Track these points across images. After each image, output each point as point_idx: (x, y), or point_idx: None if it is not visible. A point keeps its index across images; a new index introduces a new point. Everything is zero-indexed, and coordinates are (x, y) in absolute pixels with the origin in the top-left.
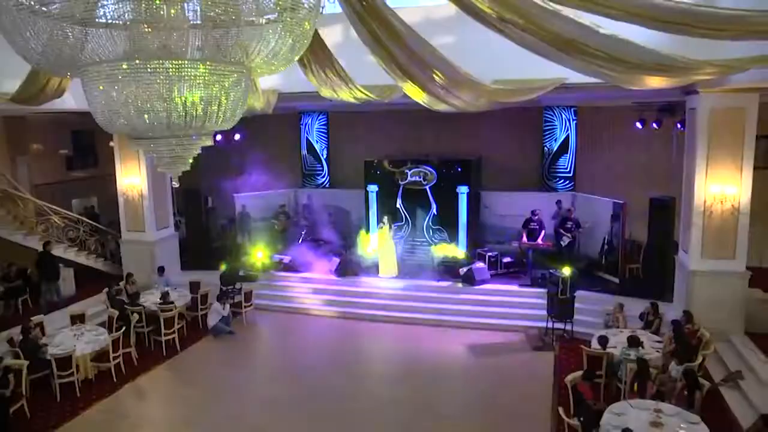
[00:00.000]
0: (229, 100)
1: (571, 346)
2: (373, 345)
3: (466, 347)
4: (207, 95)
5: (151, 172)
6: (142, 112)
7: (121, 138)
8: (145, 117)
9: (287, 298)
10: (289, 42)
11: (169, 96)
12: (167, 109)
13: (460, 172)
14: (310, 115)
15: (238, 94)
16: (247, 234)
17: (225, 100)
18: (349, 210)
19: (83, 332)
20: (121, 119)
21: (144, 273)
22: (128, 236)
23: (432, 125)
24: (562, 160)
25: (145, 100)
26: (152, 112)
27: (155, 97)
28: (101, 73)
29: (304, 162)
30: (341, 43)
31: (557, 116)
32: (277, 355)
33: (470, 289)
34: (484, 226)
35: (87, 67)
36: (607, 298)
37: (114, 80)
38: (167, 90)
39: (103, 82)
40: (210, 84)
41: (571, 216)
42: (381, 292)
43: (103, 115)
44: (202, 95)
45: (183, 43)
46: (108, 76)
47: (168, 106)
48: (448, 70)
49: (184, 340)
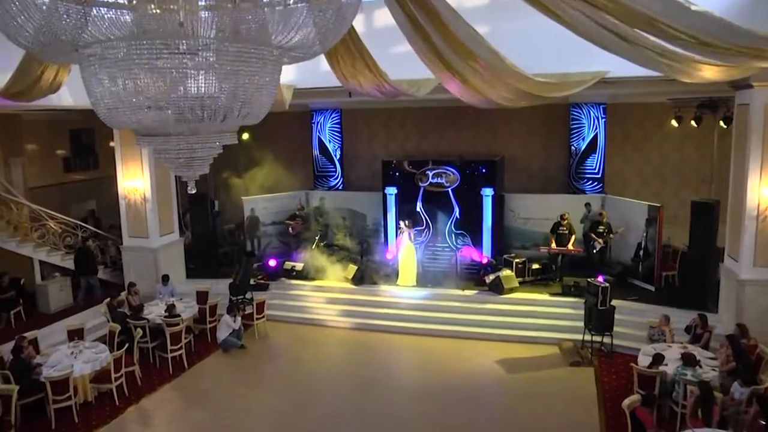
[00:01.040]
0: (257, 90)
1: (611, 362)
2: (394, 359)
3: (496, 362)
4: (231, 85)
5: (154, 174)
6: (152, 104)
7: (122, 137)
8: (156, 110)
9: (301, 308)
10: (327, 24)
11: (184, 86)
12: (182, 102)
13: (484, 173)
14: (322, 113)
15: (267, 83)
16: (256, 239)
17: (252, 91)
18: (365, 213)
19: (81, 350)
20: (128, 113)
21: (147, 282)
22: (130, 242)
23: (451, 124)
24: (590, 161)
25: (157, 91)
26: (165, 105)
27: (168, 86)
28: (104, 58)
29: (316, 163)
30: (363, 35)
31: (585, 114)
32: (293, 371)
33: (497, 298)
34: (508, 231)
35: (87, 51)
36: (645, 308)
37: (119, 67)
38: (182, 78)
39: (106, 69)
40: (235, 72)
41: (602, 220)
42: (401, 302)
43: (106, 109)
44: (224, 85)
45: (200, 24)
46: (112, 62)
47: (183, 97)
48: (492, 59)
49: (191, 356)
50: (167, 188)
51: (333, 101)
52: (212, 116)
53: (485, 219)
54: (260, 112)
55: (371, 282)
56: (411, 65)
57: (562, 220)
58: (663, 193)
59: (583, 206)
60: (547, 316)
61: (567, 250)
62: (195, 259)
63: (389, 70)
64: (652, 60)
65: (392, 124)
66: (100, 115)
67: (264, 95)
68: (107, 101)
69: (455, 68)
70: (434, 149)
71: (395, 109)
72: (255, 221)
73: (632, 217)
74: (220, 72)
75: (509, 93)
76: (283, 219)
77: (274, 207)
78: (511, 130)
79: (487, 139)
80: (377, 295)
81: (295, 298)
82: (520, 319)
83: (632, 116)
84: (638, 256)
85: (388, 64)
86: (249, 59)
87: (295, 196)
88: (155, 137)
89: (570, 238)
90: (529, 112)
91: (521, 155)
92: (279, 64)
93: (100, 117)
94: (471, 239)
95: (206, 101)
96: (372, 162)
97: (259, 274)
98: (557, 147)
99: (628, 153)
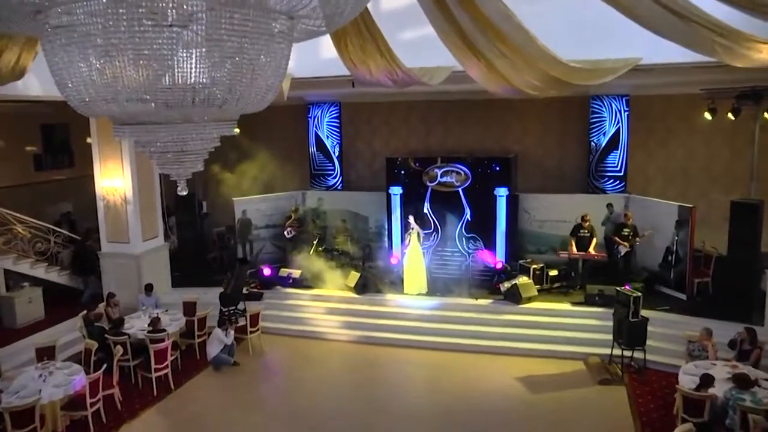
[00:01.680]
0: (262, 70)
1: (644, 380)
2: (404, 377)
3: (517, 380)
4: (232, 63)
5: (136, 172)
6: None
7: (100, 133)
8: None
9: (299, 319)
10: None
11: (173, 62)
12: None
13: (498, 171)
14: (319, 107)
15: (275, 61)
16: (248, 244)
17: (256, 71)
18: (367, 215)
19: (52, 371)
20: (101, 102)
21: (128, 292)
22: (109, 248)
23: (459, 119)
24: (611, 157)
25: (140, 79)
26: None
27: (153, 63)
28: (72, 30)
29: (312, 160)
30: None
31: (606, 106)
32: (293, 391)
33: (515, 308)
34: (522, 234)
35: (52, 20)
36: (678, 319)
37: (90, 43)
38: (170, 53)
39: (75, 46)
40: (237, 48)
41: (628, 222)
42: (408, 313)
43: (77, 92)
44: (221, 65)
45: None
46: (83, 37)
47: (172, 77)
48: (522, 40)
49: (178, 375)
50: (151, 188)
51: (332, 94)
52: (207, 101)
53: (499, 221)
54: (266, 97)
55: (375, 290)
56: (420, 53)
57: (583, 222)
58: (690, 193)
59: (603, 207)
60: (570, 328)
61: (589, 255)
62: (182, 266)
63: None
64: (705, 41)
65: (395, 119)
66: (69, 101)
67: (274, 77)
68: (77, 85)
69: (480, 51)
70: (441, 146)
71: (398, 102)
72: (247, 224)
73: (660, 218)
74: (215, 51)
75: (538, 80)
76: (277, 221)
77: (268, 208)
78: (524, 125)
79: (498, 135)
80: (382, 305)
81: (292, 308)
82: (541, 332)
83: (656, 109)
84: (667, 262)
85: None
86: (252, 32)
87: (290, 197)
88: (137, 126)
89: (591, 242)
90: (543, 105)
91: (535, 152)
92: (289, 39)
93: (70, 103)
94: (483, 243)
95: (199, 88)
96: (373, 160)
97: (253, 282)
98: (575, 143)
99: (651, 149)
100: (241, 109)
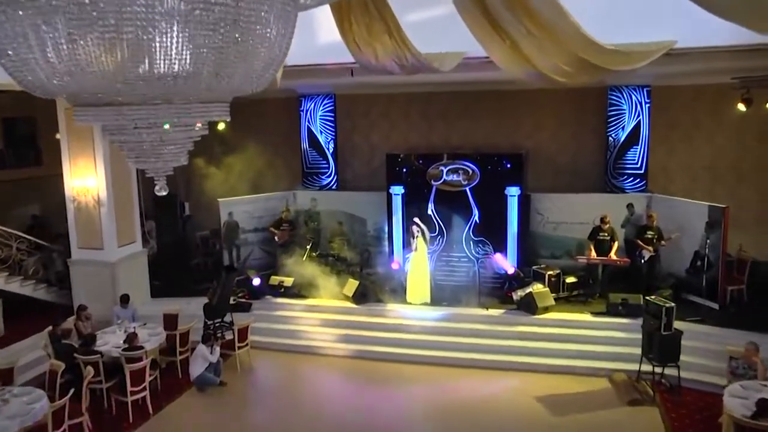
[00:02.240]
0: (261, 39)
1: (679, 400)
2: (407, 396)
3: (537, 399)
4: (224, 31)
5: (110, 170)
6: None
7: (70, 127)
8: (101, 66)
9: (291, 332)
10: None
11: (150, 30)
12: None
13: (509, 169)
14: (312, 99)
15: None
16: (235, 249)
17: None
18: (365, 217)
19: (8, 398)
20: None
21: (102, 304)
22: (80, 255)
23: (465, 112)
24: (630, 153)
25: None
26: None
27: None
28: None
29: (304, 158)
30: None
31: (626, 98)
32: (287, 415)
33: (530, 319)
34: (534, 238)
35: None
36: (712, 331)
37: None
38: (145, 21)
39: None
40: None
41: (652, 224)
42: (413, 325)
43: (22, 63)
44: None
45: None
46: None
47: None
48: (554, 16)
49: (157, 398)
50: (128, 188)
51: (327, 84)
52: (192, 79)
53: (510, 223)
54: (266, 73)
55: (375, 300)
56: (426, 37)
57: (602, 224)
58: (716, 192)
59: (623, 207)
60: (592, 340)
61: (611, 260)
62: (162, 275)
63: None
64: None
65: (395, 112)
66: (13, 76)
67: (278, 49)
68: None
69: (505, 30)
70: (444, 141)
71: (398, 94)
72: (234, 227)
73: (687, 220)
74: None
75: (567, 63)
76: (267, 224)
77: (257, 210)
78: (535, 118)
79: (507, 129)
80: (383, 316)
81: (284, 320)
82: (560, 345)
83: (680, 100)
84: (695, 267)
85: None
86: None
87: (281, 197)
88: (104, 108)
89: (612, 246)
90: (557, 97)
91: (548, 148)
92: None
93: (13, 78)
94: (493, 247)
95: (184, 54)
96: (371, 156)
97: (240, 291)
98: (591, 138)
99: (674, 144)
100: (235, 90)
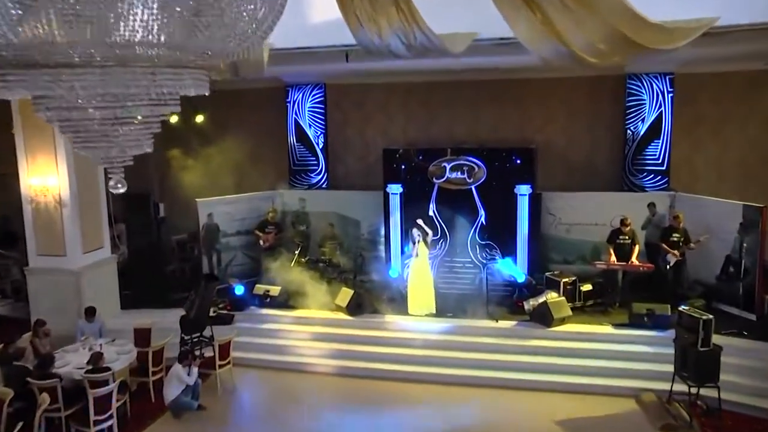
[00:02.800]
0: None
1: (721, 425)
2: (408, 418)
3: (553, 422)
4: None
5: (74, 167)
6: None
7: (26, 121)
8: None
9: (278, 348)
10: None
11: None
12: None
13: (518, 165)
14: (300, 89)
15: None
16: (215, 254)
17: None
18: (358, 219)
19: None
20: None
21: (65, 318)
22: (39, 263)
23: (468, 103)
24: (651, 148)
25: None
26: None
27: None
28: None
29: (292, 154)
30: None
31: (646, 87)
32: None
33: (545, 332)
34: (546, 241)
35: None
36: (751, 345)
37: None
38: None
39: None
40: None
41: (678, 225)
42: (414, 339)
43: None
44: None
45: None
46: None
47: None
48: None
49: (127, 426)
50: (94, 186)
51: (317, 72)
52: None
53: (520, 225)
54: (256, 34)
55: (372, 310)
56: (431, 17)
57: (622, 226)
58: (749, 191)
59: (643, 207)
60: (615, 356)
61: (633, 265)
62: (133, 284)
63: None
64: None
65: (391, 104)
66: None
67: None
68: None
69: (537, 3)
70: (447, 136)
71: (395, 83)
72: (214, 230)
73: (717, 221)
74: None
75: (604, 40)
76: (250, 227)
77: (239, 211)
78: (546, 109)
79: (515, 122)
80: (381, 329)
81: (270, 333)
82: (579, 361)
83: (707, 89)
84: (727, 274)
85: None
86: None
87: (266, 197)
88: (34, 71)
89: (634, 250)
90: (569, 85)
91: (559, 142)
92: None
93: None
94: (501, 252)
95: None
96: (365, 152)
97: (221, 301)
98: (607, 131)
99: (700, 137)
100: (220, 53)
